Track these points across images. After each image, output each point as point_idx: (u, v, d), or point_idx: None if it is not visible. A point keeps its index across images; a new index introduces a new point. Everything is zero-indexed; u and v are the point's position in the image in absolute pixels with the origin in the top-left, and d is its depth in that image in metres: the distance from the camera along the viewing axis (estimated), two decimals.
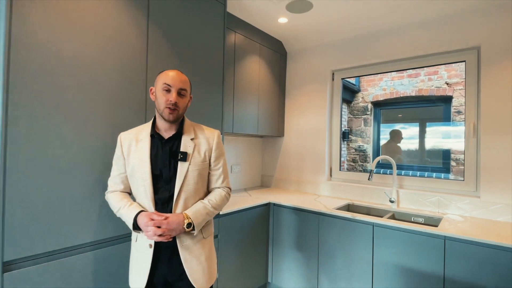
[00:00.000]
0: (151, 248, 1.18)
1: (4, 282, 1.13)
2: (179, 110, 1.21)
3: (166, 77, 1.20)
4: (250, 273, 2.35)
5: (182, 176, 1.20)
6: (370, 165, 3.57)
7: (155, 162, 1.21)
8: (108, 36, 1.44)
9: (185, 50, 1.82)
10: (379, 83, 4.21)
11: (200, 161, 1.26)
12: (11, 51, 1.14)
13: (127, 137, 1.26)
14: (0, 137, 1.12)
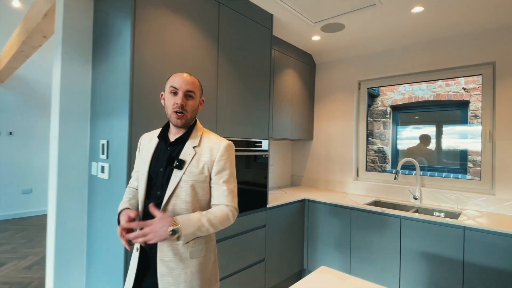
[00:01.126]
0: (138, 251, 1.10)
1: (127, 253, 1.52)
2: (187, 114, 1.11)
3: (173, 80, 1.11)
4: (289, 260, 2.70)
5: (173, 185, 1.08)
6: (389, 166, 3.84)
7: (154, 164, 1.14)
8: (192, 63, 1.82)
9: (241, 68, 2.18)
10: (398, 88, 4.49)
11: (196, 172, 1.10)
12: (134, 75, 1.53)
13: (145, 137, 1.24)
14: (127, 142, 1.50)
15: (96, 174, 1.79)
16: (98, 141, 1.78)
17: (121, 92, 1.55)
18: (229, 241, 2.09)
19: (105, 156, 1.69)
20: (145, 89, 1.58)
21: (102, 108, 1.78)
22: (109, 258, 1.66)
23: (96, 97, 1.86)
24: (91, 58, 1.93)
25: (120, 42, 1.59)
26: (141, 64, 1.56)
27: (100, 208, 1.76)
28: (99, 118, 1.81)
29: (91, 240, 1.87)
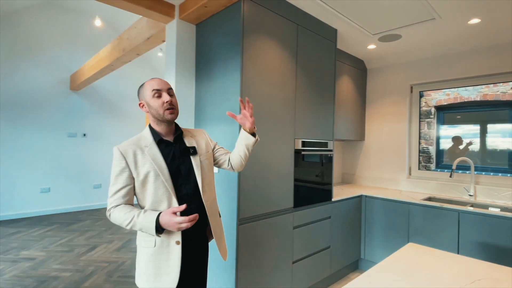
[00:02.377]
0: (179, 244, 1.20)
1: (239, 231, 1.91)
2: (176, 107, 1.28)
3: (152, 84, 1.25)
4: (349, 249, 2.99)
5: (198, 167, 1.30)
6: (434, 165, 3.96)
7: (171, 163, 1.25)
8: (277, 77, 2.19)
9: (313, 78, 2.52)
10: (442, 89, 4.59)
11: (205, 151, 1.38)
12: (243, 89, 1.92)
13: (128, 148, 1.23)
14: None
15: None
16: None
17: (233, 102, 1.95)
18: (303, 228, 2.43)
19: None
20: (250, 99, 1.97)
21: (208, 115, 2.20)
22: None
23: (201, 106, 2.29)
24: (194, 76, 2.36)
25: (230, 63, 1.99)
26: (247, 79, 1.95)
27: None
28: (206, 123, 2.23)
29: None
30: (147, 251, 1.23)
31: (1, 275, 2.94)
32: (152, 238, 1.22)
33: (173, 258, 1.21)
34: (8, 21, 4.97)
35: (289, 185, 2.29)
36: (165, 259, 1.21)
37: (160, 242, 1.21)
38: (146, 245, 1.24)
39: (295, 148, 2.34)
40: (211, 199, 1.36)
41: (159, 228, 1.14)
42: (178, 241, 1.21)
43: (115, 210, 1.20)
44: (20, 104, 5.13)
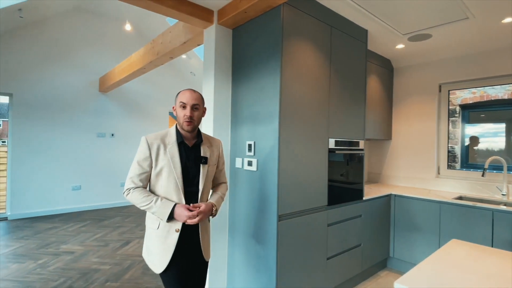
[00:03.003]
0: (178, 232, 1.43)
1: (279, 227, 2.00)
2: (194, 122, 1.47)
3: (182, 96, 1.47)
4: (378, 247, 3.02)
5: (204, 175, 1.52)
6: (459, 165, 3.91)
7: (184, 164, 1.47)
8: (312, 78, 2.26)
9: (345, 78, 2.57)
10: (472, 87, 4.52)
11: (213, 163, 1.60)
12: (282, 96, 2.00)
13: (154, 142, 1.47)
14: (277, 142, 1.98)
15: (241, 167, 2.30)
16: (244, 142, 2.29)
17: (272, 104, 2.04)
18: (336, 226, 2.49)
19: (252, 153, 2.20)
20: (288, 101, 2.05)
21: (245, 115, 2.30)
22: (255, 229, 2.16)
23: (237, 107, 2.39)
24: (231, 78, 2.46)
25: (269, 65, 2.07)
26: (286, 80, 2.04)
27: (246, 192, 2.27)
28: (242, 124, 2.32)
29: (234, 215, 2.40)
30: (151, 231, 1.50)
31: (46, 267, 3.13)
32: (157, 221, 1.46)
33: (170, 242, 1.44)
34: (42, 27, 5.25)
35: (324, 183, 2.35)
36: (163, 242, 1.45)
37: (163, 226, 1.45)
38: (151, 226, 1.50)
39: (329, 147, 2.40)
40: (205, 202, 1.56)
41: (171, 216, 1.40)
42: (178, 229, 1.44)
43: (134, 192, 1.44)
44: (54, 106, 5.40)
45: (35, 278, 2.88)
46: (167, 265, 1.43)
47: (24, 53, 5.08)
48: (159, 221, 1.45)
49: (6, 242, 3.90)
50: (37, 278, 2.88)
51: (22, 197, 5.15)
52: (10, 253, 3.52)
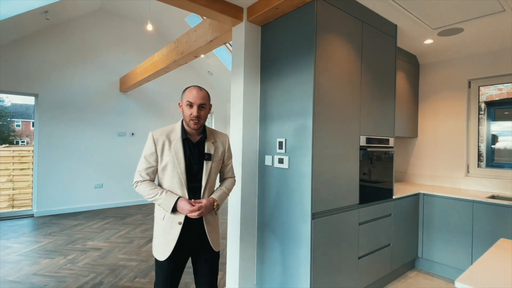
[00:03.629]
0: (180, 225, 1.48)
1: (313, 225, 1.98)
2: (201, 120, 1.49)
3: (189, 95, 1.48)
4: (407, 248, 2.96)
5: (207, 172, 1.54)
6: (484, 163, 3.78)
7: (188, 160, 1.51)
8: (343, 73, 2.22)
9: (376, 74, 2.53)
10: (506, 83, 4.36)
11: (218, 159, 1.61)
12: (315, 92, 1.98)
13: (160, 138, 1.51)
14: (311, 139, 1.96)
15: (271, 164, 2.29)
16: (274, 139, 2.28)
17: (305, 100, 2.02)
18: (367, 225, 2.45)
19: (283, 150, 2.18)
20: (321, 97, 2.02)
21: (274, 112, 2.29)
22: (286, 227, 2.14)
23: (266, 105, 2.38)
24: (259, 76, 2.46)
25: (302, 61, 2.05)
26: (319, 76, 2.01)
27: (276, 190, 2.26)
28: (272, 121, 2.31)
29: (263, 213, 2.39)
30: (158, 221, 1.55)
31: (76, 263, 3.21)
32: (163, 212, 1.51)
33: (173, 233, 1.49)
34: (66, 29, 5.38)
35: (355, 181, 2.32)
36: (167, 232, 1.50)
37: (168, 218, 1.50)
38: (158, 215, 1.55)
39: (360, 144, 2.36)
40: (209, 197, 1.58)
41: (174, 208, 1.46)
42: (181, 222, 1.49)
43: (142, 184, 1.51)
44: (77, 106, 5.53)
45: (67, 273, 2.95)
46: (170, 255, 1.48)
47: (48, 54, 5.22)
48: (165, 212, 1.50)
49: (35, 238, 4.02)
50: (68, 273, 2.95)
51: (48, 194, 5.29)
52: (40, 248, 3.62)
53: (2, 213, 5.24)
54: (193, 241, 1.54)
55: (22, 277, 2.84)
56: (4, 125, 10.17)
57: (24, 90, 5.03)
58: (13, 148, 5.95)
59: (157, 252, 1.53)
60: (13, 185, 5.64)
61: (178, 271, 1.56)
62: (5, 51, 4.82)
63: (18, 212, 5.29)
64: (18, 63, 4.95)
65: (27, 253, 3.47)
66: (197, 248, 1.57)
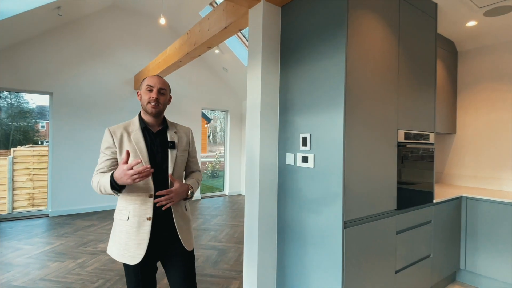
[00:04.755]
0: (150, 220, 1.36)
1: (345, 235, 1.67)
2: (160, 106, 1.44)
3: (149, 80, 1.44)
4: (447, 259, 2.59)
5: (173, 160, 1.46)
6: None
7: (150, 150, 1.42)
8: (380, 59, 1.90)
9: (414, 59, 2.18)
10: None
11: (183, 149, 1.54)
12: (347, 79, 1.68)
13: (117, 130, 1.42)
14: (342, 134, 1.66)
15: (293, 163, 2.01)
16: (297, 134, 1.99)
17: (335, 88, 1.72)
18: (405, 234, 2.11)
19: (307, 147, 1.89)
20: (353, 85, 1.72)
21: (297, 104, 2.00)
22: (312, 235, 1.85)
23: (287, 95, 2.09)
24: (279, 63, 2.17)
25: (331, 44, 1.75)
26: (351, 60, 1.71)
27: (299, 193, 1.97)
28: (294, 114, 2.02)
29: (283, 219, 2.11)
30: (121, 223, 1.39)
31: (85, 267, 3.04)
32: (126, 212, 1.38)
33: (143, 231, 1.36)
34: (79, 26, 5.29)
35: (392, 183, 1.99)
36: (135, 232, 1.36)
37: (133, 216, 1.37)
38: (120, 217, 1.40)
39: (398, 140, 2.03)
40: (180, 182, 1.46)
41: (113, 183, 1.27)
42: (150, 217, 1.37)
43: (93, 177, 1.38)
44: (91, 104, 5.44)
45: (74, 278, 2.79)
46: (144, 256, 1.36)
47: (62, 52, 5.15)
48: (128, 211, 1.38)
49: (48, 239, 3.91)
50: (76, 279, 2.78)
51: (62, 194, 5.23)
52: (51, 251, 3.49)
53: (18, 212, 5.23)
54: (163, 239, 1.42)
55: (28, 282, 2.70)
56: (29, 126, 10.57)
57: (39, 89, 4.97)
58: (33, 148, 5.96)
59: (125, 256, 1.36)
60: (33, 184, 5.64)
61: (151, 274, 1.44)
62: (19, 49, 4.77)
63: (33, 212, 5.25)
64: (32, 61, 4.89)
65: (37, 255, 3.35)
66: (168, 247, 1.44)
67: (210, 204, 6.24)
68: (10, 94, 8.12)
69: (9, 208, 5.44)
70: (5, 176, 5.54)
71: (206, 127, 16.21)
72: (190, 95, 6.62)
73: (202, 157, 12.86)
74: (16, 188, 5.51)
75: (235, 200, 6.70)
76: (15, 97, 7.88)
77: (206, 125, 16.02)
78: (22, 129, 7.92)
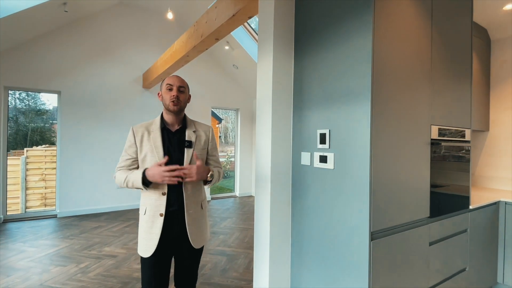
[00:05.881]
0: (162, 216, 1.42)
1: (372, 248, 1.42)
2: (181, 103, 1.48)
3: (168, 80, 1.50)
4: (483, 272, 2.29)
5: (188, 159, 1.48)
6: None
7: (166, 148, 1.46)
8: (411, 42, 1.64)
9: (448, 44, 1.90)
10: None
11: (201, 148, 1.55)
12: (374, 66, 1.42)
13: (139, 130, 1.50)
14: (369, 130, 1.41)
15: (309, 164, 1.76)
16: (313, 131, 1.75)
17: (359, 77, 1.47)
18: (439, 245, 1.84)
19: (326, 145, 1.65)
20: (381, 73, 1.46)
21: (314, 97, 1.75)
22: (333, 248, 1.60)
23: (302, 87, 1.85)
24: (293, 51, 1.93)
25: (355, 26, 1.50)
26: (379, 44, 1.45)
27: (316, 199, 1.73)
28: (310, 107, 1.78)
29: (298, 229, 1.87)
30: (141, 217, 1.49)
31: (87, 273, 2.88)
32: (144, 206, 1.47)
33: (156, 226, 1.43)
34: (87, 24, 5.19)
35: (425, 186, 1.72)
36: (150, 226, 1.44)
37: (149, 211, 1.45)
38: (140, 212, 1.50)
39: (431, 137, 1.76)
40: (193, 189, 1.51)
41: (145, 179, 1.38)
42: (162, 213, 1.43)
43: (118, 172, 1.49)
44: (100, 103, 5.33)
45: (75, 285, 2.63)
46: (154, 251, 1.42)
47: (70, 50, 5.06)
48: (145, 207, 1.46)
49: (53, 241, 3.80)
50: (76, 285, 2.62)
51: (70, 195, 5.14)
52: (54, 253, 3.36)
53: (27, 212, 5.17)
54: (175, 235, 1.47)
55: None
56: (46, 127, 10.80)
57: (47, 88, 4.90)
58: (46, 147, 5.92)
59: (141, 250, 1.47)
60: (45, 184, 5.59)
61: (163, 269, 1.48)
62: (26, 47, 4.70)
63: (42, 213, 5.19)
64: (39, 60, 4.82)
65: (40, 258, 3.22)
66: (179, 243, 1.49)
67: (220, 205, 6.05)
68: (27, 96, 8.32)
69: (22, 207, 5.41)
70: (18, 176, 5.53)
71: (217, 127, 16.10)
72: (200, 94, 6.45)
73: None
74: (29, 188, 5.48)
75: (246, 201, 6.48)
76: (32, 99, 8.08)
77: (217, 125, 15.92)
78: (39, 129, 8.05)
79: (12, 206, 5.32)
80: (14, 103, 8.76)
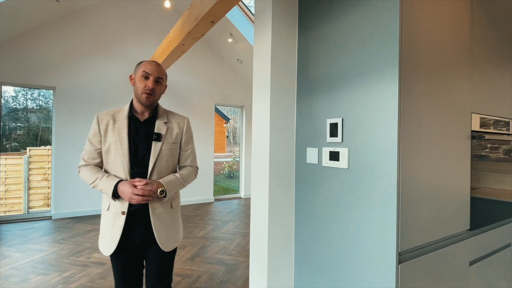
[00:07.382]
0: (124, 215, 1.31)
1: (400, 273, 1.06)
2: (155, 96, 1.35)
3: (146, 66, 1.34)
4: None
5: (155, 154, 1.35)
6: None
7: (132, 140, 1.34)
8: (445, 13, 1.27)
9: (492, 17, 1.53)
10: None
11: (171, 142, 1.41)
12: (402, 37, 1.07)
13: (104, 117, 1.37)
14: (397, 117, 1.05)
15: (317, 162, 1.41)
16: (322, 120, 1.40)
17: (383, 50, 1.11)
18: (481, 263, 1.46)
19: (338, 138, 1.29)
20: (410, 47, 1.11)
21: (323, 77, 1.40)
22: (346, 268, 1.25)
23: (309, 67, 1.50)
24: (297, 25, 1.59)
25: None
26: (406, 12, 1.09)
27: (325, 205, 1.38)
28: (317, 91, 1.43)
29: (302, 241, 1.52)
30: (103, 212, 1.39)
31: (69, 283, 2.60)
32: (107, 202, 1.35)
33: (117, 225, 1.32)
34: (81, 17, 4.95)
35: (464, 192, 1.35)
36: (111, 224, 1.34)
37: (112, 207, 1.34)
38: (103, 207, 1.39)
39: (472, 129, 1.39)
40: None
41: (115, 193, 1.28)
42: (124, 211, 1.32)
43: (84, 169, 1.37)
44: (96, 100, 5.08)
45: None
46: (115, 249, 1.32)
47: (65, 44, 4.82)
48: (109, 202, 1.35)
49: (41, 245, 3.54)
50: None
51: (66, 196, 4.90)
52: (39, 260, 3.10)
53: (21, 214, 4.97)
54: (139, 236, 1.35)
55: None
56: None
57: (41, 83, 4.67)
58: (48, 147, 5.74)
59: (101, 246, 1.38)
60: (48, 184, 5.41)
61: (133, 272, 1.39)
62: (19, 41, 4.48)
63: (36, 214, 4.98)
64: (33, 54, 4.59)
65: (23, 265, 2.96)
66: (146, 245, 1.37)
67: (223, 207, 5.73)
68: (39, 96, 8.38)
69: (24, 208, 5.24)
70: (21, 176, 5.36)
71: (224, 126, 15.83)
72: (202, 90, 6.14)
73: (220, 157, 12.43)
74: (32, 188, 5.31)
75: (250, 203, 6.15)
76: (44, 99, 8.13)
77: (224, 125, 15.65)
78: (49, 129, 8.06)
79: (14, 206, 5.19)
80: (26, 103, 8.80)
